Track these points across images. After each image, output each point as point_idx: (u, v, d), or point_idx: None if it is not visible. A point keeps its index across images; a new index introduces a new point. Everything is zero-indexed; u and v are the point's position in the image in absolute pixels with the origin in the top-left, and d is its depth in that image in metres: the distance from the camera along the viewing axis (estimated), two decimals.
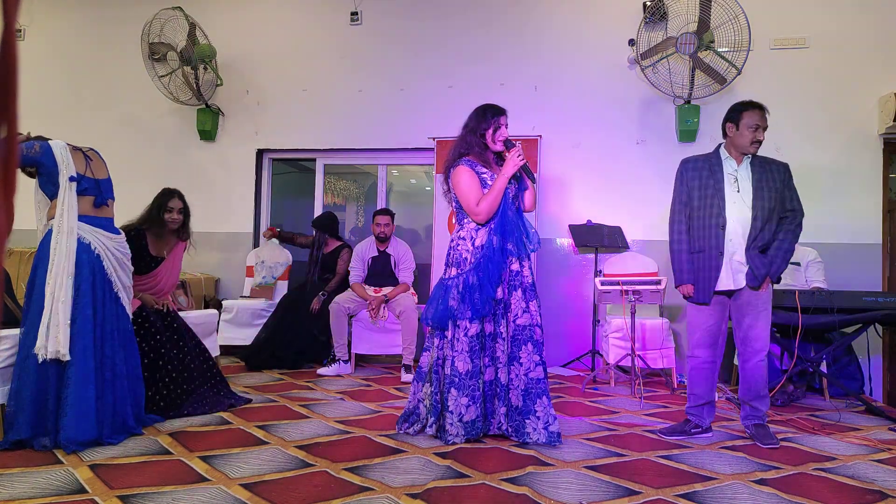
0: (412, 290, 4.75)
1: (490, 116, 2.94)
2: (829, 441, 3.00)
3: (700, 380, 3.03)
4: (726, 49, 4.58)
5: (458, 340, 2.81)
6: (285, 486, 2.25)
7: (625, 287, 4.00)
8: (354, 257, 4.82)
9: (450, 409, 2.80)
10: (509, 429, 2.86)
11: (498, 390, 2.88)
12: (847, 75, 4.76)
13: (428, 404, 2.96)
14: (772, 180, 2.90)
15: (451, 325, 2.84)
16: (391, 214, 4.84)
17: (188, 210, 3.54)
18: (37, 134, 2.90)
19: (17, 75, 0.50)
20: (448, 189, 3.01)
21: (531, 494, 2.20)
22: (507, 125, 2.99)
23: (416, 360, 4.35)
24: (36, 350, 2.59)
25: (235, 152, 5.78)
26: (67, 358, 2.63)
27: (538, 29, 5.28)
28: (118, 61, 5.92)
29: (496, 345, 2.87)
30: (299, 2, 5.76)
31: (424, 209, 6.19)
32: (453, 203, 2.99)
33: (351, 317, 4.60)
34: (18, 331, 2.74)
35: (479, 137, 2.95)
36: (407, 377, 4.30)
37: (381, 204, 5.65)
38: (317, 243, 5.04)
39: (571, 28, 5.22)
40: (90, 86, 6.03)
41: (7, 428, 2.65)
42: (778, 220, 2.92)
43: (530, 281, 2.92)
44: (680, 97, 4.82)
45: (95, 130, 5.63)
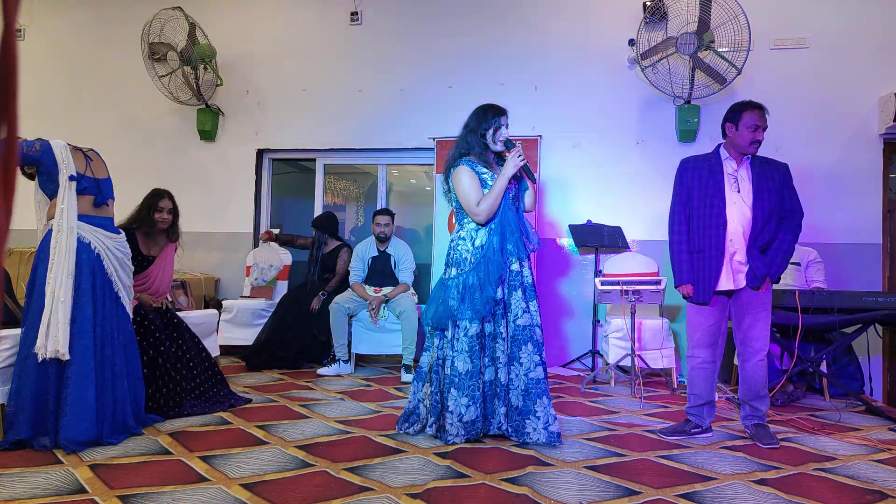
0: (412, 290, 4.75)
1: (491, 117, 2.94)
2: (829, 441, 3.00)
3: (700, 380, 3.03)
4: (726, 49, 4.58)
5: (458, 340, 2.81)
6: (285, 486, 2.25)
7: (625, 287, 4.01)
8: (354, 257, 4.82)
9: (450, 409, 2.80)
10: (509, 429, 2.86)
11: (498, 390, 2.88)
12: (847, 75, 4.76)
13: (428, 404, 2.96)
14: (771, 180, 2.90)
15: (451, 325, 2.84)
16: (391, 214, 4.84)
17: (178, 210, 3.57)
18: (36, 135, 2.91)
19: (17, 75, 0.50)
20: (448, 189, 3.01)
21: (531, 494, 2.20)
22: (508, 125, 2.99)
23: (416, 360, 4.35)
24: (36, 349, 2.59)
25: (235, 152, 5.78)
26: (67, 357, 2.63)
27: (538, 29, 5.28)
28: (118, 61, 5.92)
29: (496, 345, 2.86)
30: (299, 2, 5.76)
31: (424, 209, 6.19)
32: (453, 203, 2.99)
33: (351, 317, 4.60)
34: (18, 331, 2.74)
35: (480, 138, 2.95)
36: (407, 377, 4.30)
37: (381, 204, 5.65)
38: (316, 243, 5.04)
39: (571, 28, 5.22)
40: (90, 86, 6.03)
41: (7, 428, 2.65)
42: (777, 221, 2.92)
43: (530, 281, 2.92)
44: (680, 97, 4.82)
45: (95, 130, 5.63)
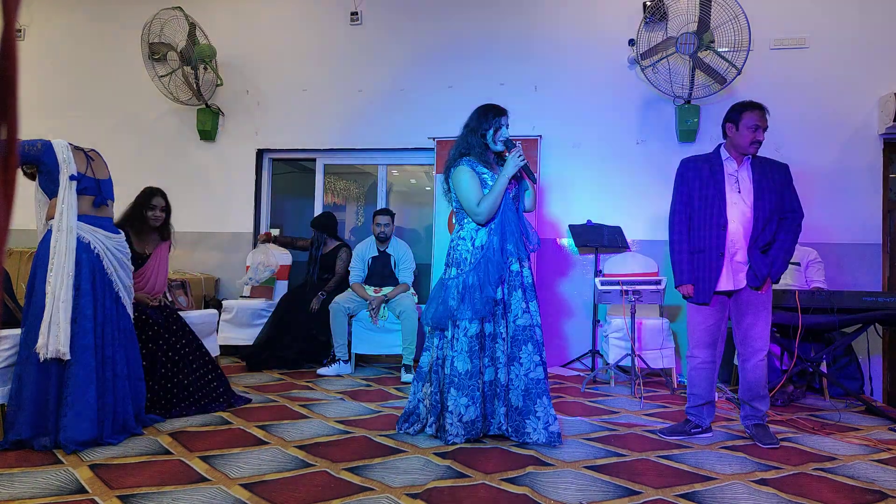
0: (412, 290, 4.75)
1: (492, 117, 2.94)
2: (829, 441, 3.00)
3: (700, 380, 3.03)
4: (726, 49, 4.58)
5: (458, 340, 2.81)
6: (285, 486, 2.25)
7: (625, 287, 4.01)
8: (354, 257, 4.82)
9: (449, 409, 2.80)
10: (509, 429, 2.86)
11: (498, 390, 2.88)
12: (847, 75, 4.76)
13: (428, 404, 2.96)
14: (772, 181, 2.90)
15: (451, 325, 2.84)
16: (391, 214, 4.84)
17: (170, 209, 3.59)
18: (36, 135, 2.91)
19: (17, 75, 0.50)
20: (448, 189, 3.01)
21: (531, 494, 2.20)
22: (508, 125, 2.99)
23: (416, 360, 4.35)
24: (37, 349, 2.59)
25: (235, 152, 5.78)
26: (68, 357, 2.63)
27: (538, 29, 5.27)
28: (118, 61, 5.92)
29: (496, 345, 2.86)
30: (299, 2, 5.76)
31: (424, 209, 6.19)
32: (453, 203, 2.99)
33: (351, 317, 4.60)
34: (18, 331, 2.74)
35: (480, 138, 2.95)
36: (407, 377, 4.30)
37: (381, 204, 5.64)
38: (315, 243, 5.04)
39: (571, 28, 5.22)
40: (90, 86, 6.03)
41: (7, 428, 2.65)
42: (778, 221, 2.92)
43: (530, 281, 2.92)
44: (680, 97, 4.82)
45: (95, 130, 5.64)
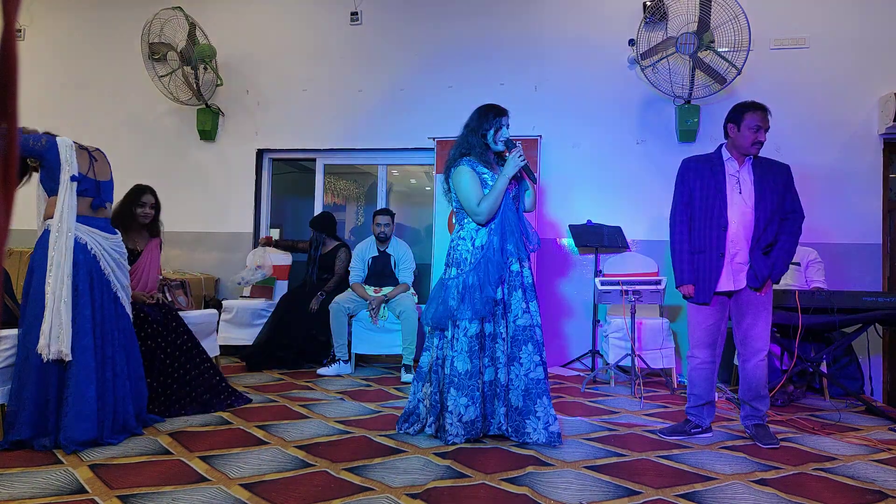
0: (412, 290, 4.75)
1: (493, 117, 2.94)
2: (829, 441, 3.00)
3: (700, 380, 3.03)
4: (726, 49, 4.58)
5: (458, 340, 2.81)
6: (285, 486, 2.25)
7: (625, 287, 4.01)
8: (354, 257, 4.82)
9: (449, 409, 2.80)
10: (509, 429, 2.86)
11: (497, 390, 2.87)
12: (847, 75, 4.76)
13: (428, 404, 2.96)
14: (773, 181, 2.90)
15: (451, 325, 2.83)
16: (391, 214, 4.84)
17: (159, 206, 3.60)
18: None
19: (17, 75, 0.50)
20: (448, 189, 3.01)
21: (531, 494, 2.20)
22: (509, 125, 2.99)
23: (416, 360, 4.35)
24: (39, 349, 2.59)
25: (235, 152, 5.78)
26: (70, 358, 2.63)
27: (538, 29, 5.27)
28: (118, 61, 5.92)
29: (496, 345, 2.86)
30: (299, 2, 5.76)
31: (424, 209, 6.19)
32: (453, 203, 2.99)
33: (351, 317, 4.60)
34: (18, 331, 2.74)
35: (481, 138, 2.95)
36: (407, 377, 4.29)
37: (381, 204, 5.64)
38: (314, 244, 5.04)
39: (571, 28, 5.22)
40: (90, 86, 6.03)
41: (7, 428, 2.65)
42: (779, 222, 2.92)
43: (530, 281, 2.92)
44: (680, 97, 4.82)
45: (95, 130, 5.63)
